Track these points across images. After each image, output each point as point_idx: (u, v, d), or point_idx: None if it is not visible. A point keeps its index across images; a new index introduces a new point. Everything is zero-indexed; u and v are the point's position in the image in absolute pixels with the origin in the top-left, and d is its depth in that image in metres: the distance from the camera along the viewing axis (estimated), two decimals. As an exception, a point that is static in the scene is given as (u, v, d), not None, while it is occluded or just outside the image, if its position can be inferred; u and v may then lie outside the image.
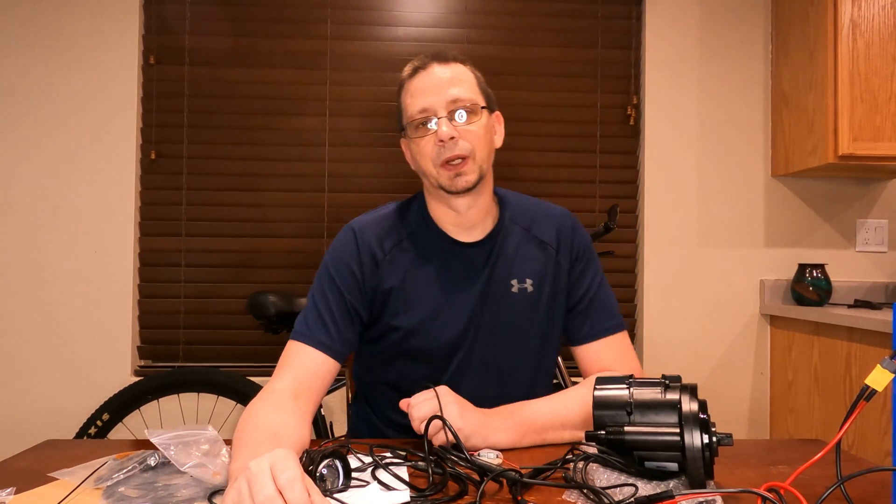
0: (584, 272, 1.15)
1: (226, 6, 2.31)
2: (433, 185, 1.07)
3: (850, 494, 0.72)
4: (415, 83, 1.06)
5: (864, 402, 0.64)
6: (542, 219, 1.17)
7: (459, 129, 1.03)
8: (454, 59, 1.08)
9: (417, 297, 1.09)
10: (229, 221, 2.30)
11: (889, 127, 2.06)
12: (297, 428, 0.90)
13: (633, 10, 2.42)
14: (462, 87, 1.04)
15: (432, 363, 1.11)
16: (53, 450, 0.96)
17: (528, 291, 1.11)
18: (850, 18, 2.06)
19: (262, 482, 0.62)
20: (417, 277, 1.10)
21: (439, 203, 1.11)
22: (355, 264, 1.08)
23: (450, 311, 1.09)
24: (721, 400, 2.36)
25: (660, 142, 2.39)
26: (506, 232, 1.14)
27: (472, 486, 0.77)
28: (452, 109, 1.03)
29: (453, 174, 1.03)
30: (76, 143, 2.23)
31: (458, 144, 1.02)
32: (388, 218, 1.14)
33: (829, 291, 2.26)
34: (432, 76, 1.05)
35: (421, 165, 1.07)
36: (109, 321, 2.23)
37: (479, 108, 1.05)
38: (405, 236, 1.11)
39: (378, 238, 1.10)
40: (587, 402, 1.00)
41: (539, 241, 1.15)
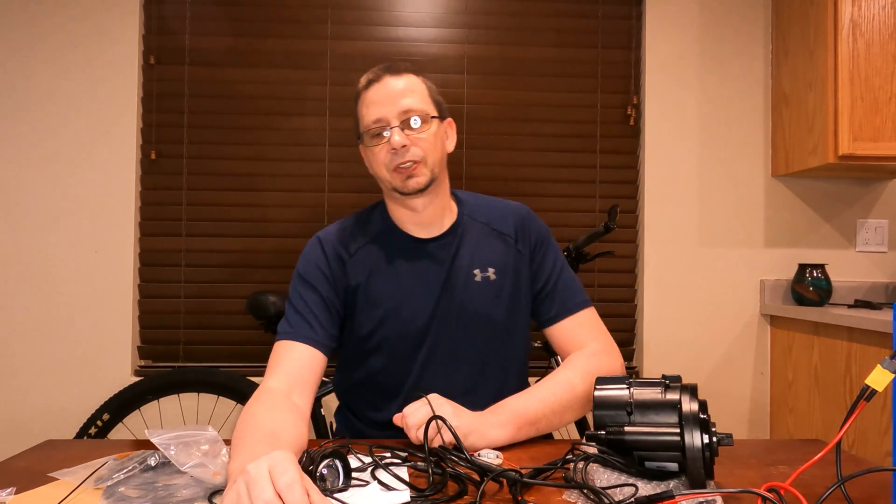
0: (545, 258, 1.23)
1: (226, 6, 2.31)
2: (388, 189, 1.15)
3: (850, 494, 0.72)
4: (369, 94, 1.12)
5: (865, 402, 0.64)
6: (499, 214, 1.24)
7: (411, 137, 1.10)
8: (406, 70, 1.15)
9: (383, 292, 1.15)
10: (229, 221, 2.30)
11: (889, 127, 2.06)
12: (296, 426, 0.92)
13: (633, 10, 2.42)
14: (413, 97, 1.11)
15: (403, 354, 1.15)
16: (53, 450, 0.96)
17: (490, 280, 1.18)
18: (851, 18, 2.06)
19: (261, 486, 0.63)
20: (382, 274, 1.16)
21: (397, 205, 1.18)
22: (324, 265, 1.15)
23: (414, 303, 1.15)
24: (721, 400, 2.36)
25: (660, 142, 2.39)
26: (465, 227, 1.21)
27: (471, 486, 0.77)
28: (405, 119, 1.10)
29: (405, 177, 1.10)
30: (76, 142, 2.23)
31: (410, 151, 1.10)
32: (351, 225, 1.21)
33: (829, 291, 2.26)
34: (385, 88, 1.11)
35: (376, 171, 1.14)
36: (109, 321, 2.23)
37: (429, 117, 1.13)
38: (369, 239, 1.19)
39: (342, 242, 1.18)
40: (573, 384, 1.07)
41: (499, 234, 1.22)
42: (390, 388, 1.16)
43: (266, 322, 1.91)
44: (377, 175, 1.15)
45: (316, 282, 1.14)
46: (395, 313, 1.14)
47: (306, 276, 1.15)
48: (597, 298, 2.39)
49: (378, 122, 1.10)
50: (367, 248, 1.18)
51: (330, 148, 2.32)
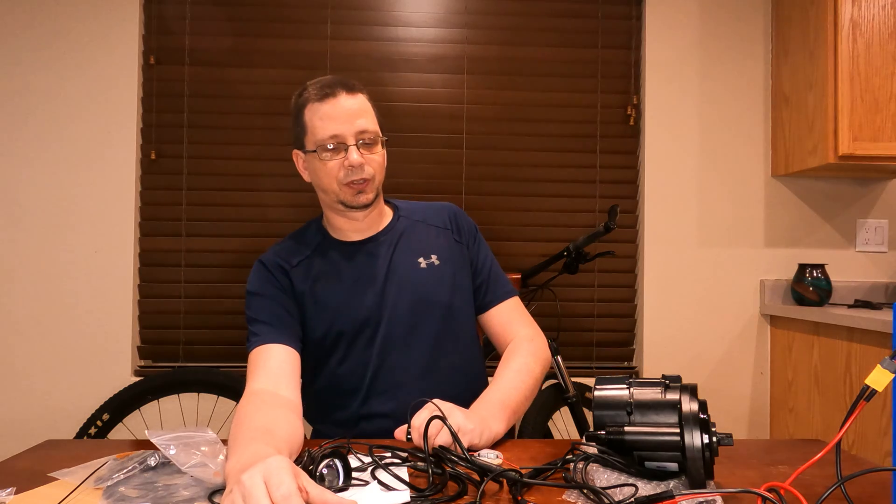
0: (479, 249, 1.33)
1: (226, 6, 2.31)
2: (332, 201, 1.20)
3: (850, 494, 0.72)
4: (325, 108, 1.15)
5: (865, 402, 0.64)
6: (431, 211, 1.34)
7: (365, 156, 1.16)
8: (359, 89, 1.19)
9: (328, 293, 1.20)
10: (229, 221, 2.30)
11: (889, 127, 2.06)
12: (288, 420, 0.94)
13: (633, 10, 2.42)
14: (367, 118, 1.17)
15: (360, 347, 1.19)
16: (53, 450, 0.96)
17: (435, 265, 1.25)
18: (850, 18, 2.06)
19: (257, 498, 0.61)
20: (326, 279, 1.21)
21: (337, 215, 1.24)
22: (270, 277, 1.21)
23: (360, 297, 1.20)
24: (721, 400, 2.36)
25: (660, 142, 2.39)
26: (402, 225, 1.29)
27: (471, 487, 0.77)
28: (360, 139, 1.15)
29: (355, 192, 1.17)
30: (76, 143, 2.23)
31: (364, 169, 1.16)
32: (288, 243, 1.27)
33: (829, 291, 2.26)
34: (342, 105, 1.15)
35: (323, 183, 1.19)
36: (109, 321, 2.23)
37: (380, 140, 1.19)
38: (308, 253, 1.24)
39: (282, 257, 1.23)
40: (531, 368, 1.18)
41: (436, 228, 1.31)
42: (353, 383, 1.19)
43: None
44: (323, 186, 1.19)
45: (268, 292, 1.19)
46: (344, 310, 1.19)
47: (258, 291, 1.20)
48: (597, 298, 2.39)
49: (334, 138, 1.14)
50: (307, 260, 1.23)
51: (330, 148, 2.32)
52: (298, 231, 1.30)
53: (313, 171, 1.21)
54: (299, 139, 1.22)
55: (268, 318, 1.16)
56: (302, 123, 1.19)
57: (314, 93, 1.17)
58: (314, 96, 1.17)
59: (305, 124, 1.19)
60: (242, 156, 2.30)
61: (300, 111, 1.20)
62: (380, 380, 1.18)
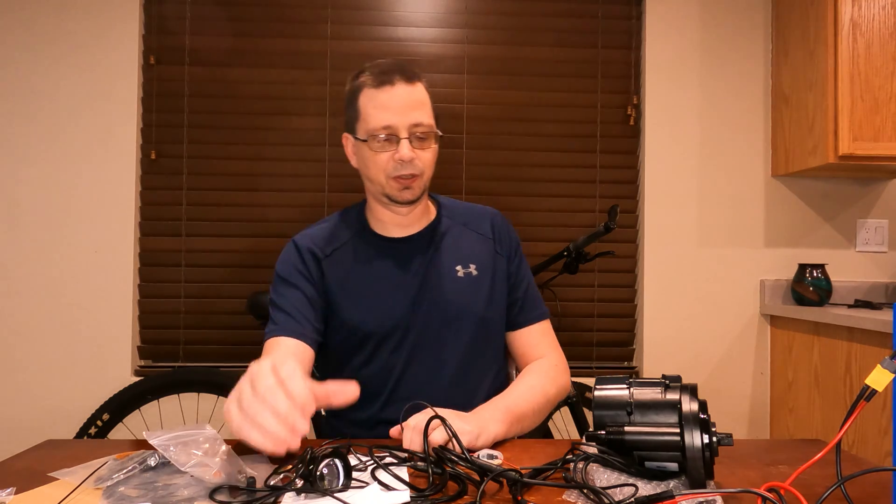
0: (521, 265, 1.28)
1: (226, 6, 2.31)
2: (378, 192, 1.17)
3: (850, 494, 0.72)
4: (381, 97, 1.11)
5: (865, 401, 0.64)
6: (475, 216, 1.29)
7: (416, 151, 1.11)
8: (418, 78, 1.14)
9: (361, 288, 1.17)
10: (229, 221, 2.30)
11: (889, 127, 2.06)
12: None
13: (633, 10, 2.42)
14: (423, 111, 1.12)
15: (386, 350, 1.16)
16: (53, 450, 0.96)
17: (473, 275, 1.21)
18: (851, 18, 2.06)
19: (264, 375, 0.67)
20: (360, 272, 1.18)
21: (381, 207, 1.21)
22: (300, 264, 1.17)
23: (393, 297, 1.16)
24: (721, 400, 2.36)
25: (660, 142, 2.39)
26: (444, 226, 1.25)
27: (471, 487, 0.77)
28: (414, 132, 1.11)
29: (402, 187, 1.13)
30: (76, 143, 2.23)
31: (413, 165, 1.12)
32: (327, 226, 1.24)
33: (829, 291, 2.26)
34: (399, 95, 1.11)
35: (371, 173, 1.15)
36: (109, 321, 2.23)
37: (435, 135, 1.14)
38: (345, 240, 1.21)
39: (316, 243, 1.20)
40: (546, 390, 1.14)
41: (477, 234, 1.26)
42: (376, 386, 1.17)
43: (266, 322, 1.91)
44: (370, 177, 1.16)
45: (296, 280, 1.16)
46: (375, 310, 1.16)
47: (286, 277, 1.17)
48: (597, 298, 2.39)
49: (387, 129, 1.10)
50: (343, 248, 1.20)
51: (330, 148, 2.32)
52: (339, 214, 1.27)
53: (362, 159, 1.17)
54: (351, 123, 1.17)
55: (290, 309, 1.13)
56: (355, 108, 1.15)
57: (371, 78, 1.13)
58: (370, 82, 1.13)
59: (359, 110, 1.14)
60: (242, 156, 2.30)
61: (354, 95, 1.16)
62: (403, 386, 1.16)
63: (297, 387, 0.67)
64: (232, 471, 0.76)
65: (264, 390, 0.67)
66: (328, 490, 0.73)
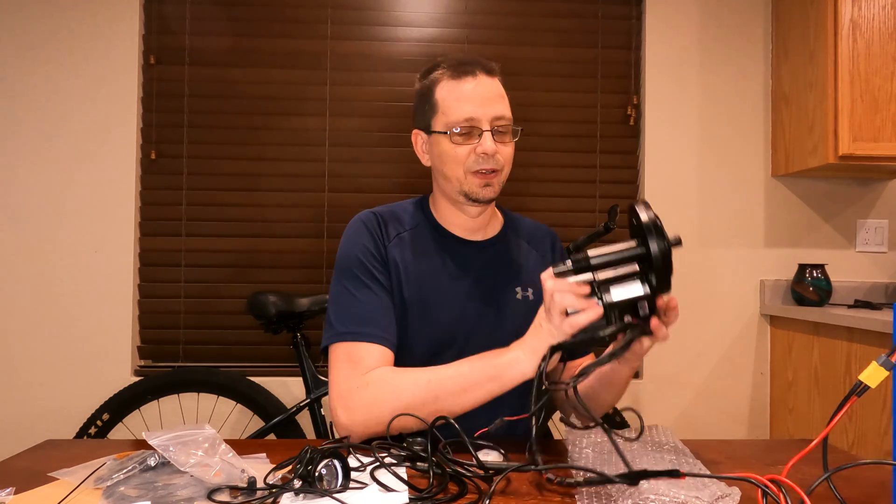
0: None
1: (226, 6, 2.31)
2: (454, 190, 1.10)
3: (849, 495, 0.72)
4: (463, 88, 1.07)
5: (856, 396, 0.64)
6: (536, 233, 1.24)
7: (498, 145, 1.07)
8: (497, 73, 1.11)
9: (415, 279, 1.10)
10: (229, 221, 2.30)
11: (889, 127, 2.06)
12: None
13: (633, 10, 2.42)
14: (504, 104, 1.09)
15: (425, 353, 1.09)
16: (53, 450, 0.96)
17: (530, 300, 1.15)
18: (851, 18, 2.06)
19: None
20: (417, 264, 1.11)
21: (451, 205, 1.14)
22: (371, 245, 1.10)
23: (445, 298, 1.10)
24: (721, 400, 2.36)
25: (660, 142, 2.39)
26: (507, 240, 1.19)
27: (472, 486, 0.77)
28: (495, 126, 1.06)
29: (483, 183, 1.07)
30: (76, 142, 2.24)
31: (496, 159, 1.07)
32: (394, 212, 1.17)
33: (829, 291, 2.26)
34: (482, 87, 1.07)
35: (447, 169, 1.09)
36: (109, 321, 2.23)
37: (514, 129, 1.10)
38: (407, 229, 1.14)
39: (381, 223, 1.13)
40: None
41: (537, 254, 1.21)
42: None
43: (266, 322, 1.91)
44: (446, 173, 1.09)
45: (374, 266, 1.08)
46: (424, 305, 1.09)
47: (364, 260, 1.08)
48: (597, 298, 2.38)
49: (469, 122, 1.06)
50: (402, 236, 1.13)
51: (330, 148, 2.32)
52: (413, 201, 1.20)
53: (438, 154, 1.10)
54: (425, 118, 1.11)
55: (370, 303, 1.05)
56: (432, 102, 1.09)
57: (449, 70, 1.08)
58: (449, 73, 1.08)
59: (436, 103, 1.09)
60: (242, 156, 2.30)
61: (430, 89, 1.10)
62: None
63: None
64: (231, 471, 0.76)
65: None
66: (327, 490, 0.73)
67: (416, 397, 0.96)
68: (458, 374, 0.97)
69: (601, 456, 0.88)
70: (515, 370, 0.94)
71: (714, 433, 2.34)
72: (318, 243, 2.30)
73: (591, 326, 0.85)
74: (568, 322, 0.86)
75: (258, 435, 1.91)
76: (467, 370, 0.97)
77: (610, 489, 0.75)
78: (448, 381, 0.97)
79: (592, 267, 0.85)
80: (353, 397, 0.98)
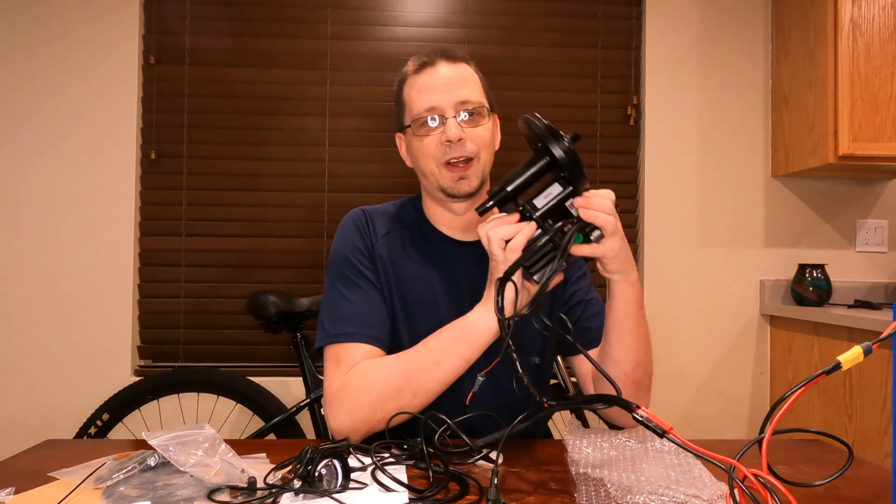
0: (581, 281, 1.15)
1: (226, 6, 2.31)
2: (432, 187, 1.06)
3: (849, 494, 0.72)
4: (422, 79, 1.05)
5: (825, 374, 0.62)
6: None
7: (466, 130, 1.02)
8: (461, 58, 1.07)
9: (404, 280, 1.07)
10: (229, 221, 2.30)
11: (889, 127, 2.06)
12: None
13: (633, 10, 2.42)
14: (470, 88, 1.04)
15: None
16: (53, 450, 0.96)
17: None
18: (851, 18, 2.06)
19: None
20: (405, 262, 1.09)
21: (436, 204, 1.11)
22: (360, 243, 1.08)
23: (434, 298, 1.07)
24: (721, 400, 2.36)
25: (660, 142, 2.39)
26: None
27: (473, 486, 0.77)
28: (460, 110, 1.02)
29: (457, 176, 1.03)
30: (76, 142, 2.24)
31: (465, 146, 1.02)
32: (386, 210, 1.15)
33: (829, 292, 2.26)
34: (441, 74, 1.04)
35: (421, 164, 1.05)
36: (109, 321, 2.23)
37: (486, 111, 1.05)
38: (398, 228, 1.12)
39: (370, 220, 1.11)
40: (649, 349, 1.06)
41: None
42: None
43: (266, 322, 1.91)
44: (421, 170, 1.06)
45: (363, 264, 1.06)
46: (412, 304, 1.06)
47: (353, 259, 1.06)
48: (597, 298, 2.39)
49: (431, 111, 1.02)
50: (392, 235, 1.10)
51: (330, 148, 2.32)
52: (403, 201, 1.17)
53: (412, 152, 1.07)
54: (400, 119, 1.10)
55: (360, 302, 1.03)
56: (401, 101, 1.08)
57: (413, 65, 1.07)
58: (412, 69, 1.07)
59: (403, 101, 1.07)
60: (242, 156, 2.30)
61: (400, 89, 1.09)
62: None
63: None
64: (231, 471, 0.76)
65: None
66: (326, 491, 0.73)
67: (388, 384, 0.94)
68: (425, 349, 0.95)
69: (601, 456, 0.88)
70: (479, 324, 0.93)
71: (714, 433, 2.35)
72: (318, 243, 2.30)
73: (533, 244, 0.86)
74: (509, 248, 0.87)
75: (258, 435, 1.91)
76: (433, 342, 0.95)
77: (609, 489, 0.75)
78: (417, 358, 0.95)
79: (510, 193, 0.88)
80: (336, 399, 0.97)
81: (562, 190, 0.87)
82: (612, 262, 0.92)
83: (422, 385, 0.94)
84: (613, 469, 0.82)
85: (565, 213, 0.88)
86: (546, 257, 0.87)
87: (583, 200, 0.87)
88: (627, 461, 0.85)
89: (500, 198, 0.88)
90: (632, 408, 0.71)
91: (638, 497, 0.72)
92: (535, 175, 0.89)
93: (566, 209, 0.88)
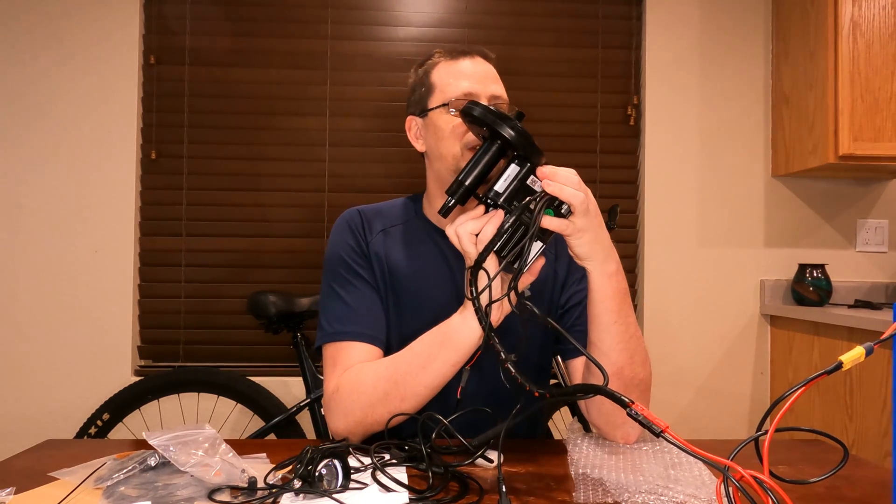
0: (580, 281, 1.11)
1: (226, 6, 2.31)
2: (448, 169, 1.04)
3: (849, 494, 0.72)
4: (460, 66, 1.07)
5: (826, 374, 0.62)
6: None
7: None
8: (493, 60, 1.11)
9: (402, 272, 1.07)
10: (229, 221, 2.30)
11: (889, 127, 2.06)
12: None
13: (633, 10, 2.42)
14: (500, 86, 1.08)
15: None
16: (53, 450, 0.96)
17: (524, 296, 1.08)
18: (851, 18, 2.06)
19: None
20: (403, 258, 1.09)
21: (440, 195, 1.07)
22: (350, 238, 1.10)
23: (432, 294, 1.06)
24: (721, 400, 2.36)
25: (660, 142, 2.39)
26: None
27: (473, 486, 0.77)
28: (493, 103, 1.03)
29: None
30: (76, 143, 2.24)
31: None
32: (381, 209, 1.15)
33: (829, 291, 2.26)
34: (479, 66, 1.07)
35: (443, 145, 1.04)
36: (109, 321, 2.23)
37: (514, 110, 1.07)
38: (394, 224, 1.12)
39: (364, 219, 1.12)
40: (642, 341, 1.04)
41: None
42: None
43: (266, 322, 1.91)
44: (440, 152, 1.05)
45: (358, 263, 1.07)
46: (409, 300, 1.06)
47: (348, 258, 1.07)
48: (597, 298, 2.38)
49: (468, 96, 1.03)
50: (389, 231, 1.11)
51: (330, 148, 2.32)
52: (393, 201, 1.18)
53: (434, 132, 1.06)
54: (420, 102, 1.10)
55: (355, 302, 1.03)
56: (428, 84, 1.08)
57: (446, 54, 1.09)
58: (446, 56, 1.09)
59: (433, 84, 1.07)
60: (242, 156, 2.30)
61: (426, 73, 1.10)
62: None
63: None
64: (232, 471, 0.76)
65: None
66: (327, 491, 0.73)
67: (377, 388, 0.94)
68: (411, 353, 0.95)
69: (601, 455, 0.88)
70: (463, 328, 0.91)
71: (714, 433, 2.35)
72: (319, 243, 2.30)
73: (503, 229, 0.85)
74: (480, 241, 0.86)
75: (258, 435, 1.91)
76: (419, 346, 0.95)
77: (609, 488, 0.75)
78: (403, 362, 0.95)
79: (469, 187, 0.88)
80: (332, 402, 0.98)
81: (519, 169, 0.85)
82: (581, 243, 0.88)
83: (409, 389, 0.93)
84: (613, 469, 0.82)
85: (529, 192, 0.86)
86: (521, 242, 0.85)
87: (547, 171, 0.85)
88: (627, 461, 0.85)
89: (460, 194, 0.88)
90: (626, 403, 0.69)
91: (637, 497, 0.72)
92: (489, 163, 0.88)
93: (529, 188, 0.86)
